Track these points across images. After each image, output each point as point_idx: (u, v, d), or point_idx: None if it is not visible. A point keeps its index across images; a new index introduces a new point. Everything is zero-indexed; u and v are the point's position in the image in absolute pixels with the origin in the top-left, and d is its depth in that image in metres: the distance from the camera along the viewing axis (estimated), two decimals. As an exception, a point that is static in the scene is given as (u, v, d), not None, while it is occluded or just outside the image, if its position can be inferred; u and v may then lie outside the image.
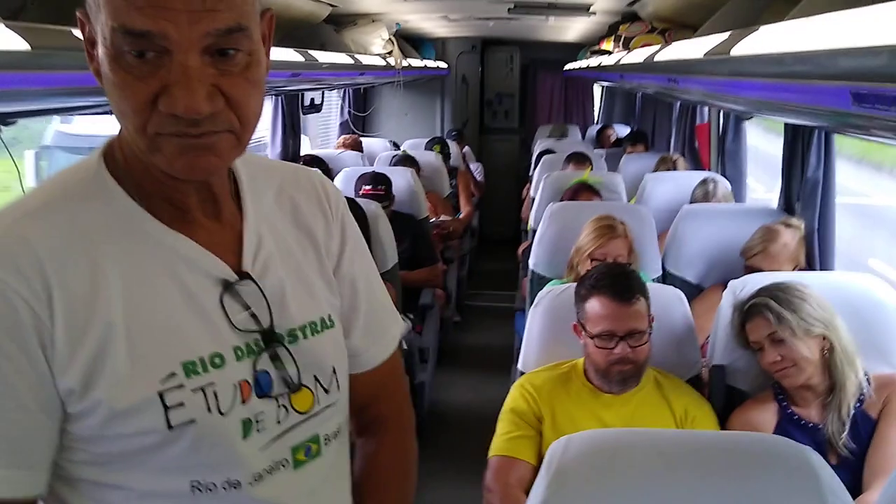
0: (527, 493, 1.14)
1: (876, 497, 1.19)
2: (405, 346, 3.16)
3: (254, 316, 0.89)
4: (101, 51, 0.78)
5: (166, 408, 0.83)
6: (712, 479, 1.07)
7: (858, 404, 1.82)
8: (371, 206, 3.08)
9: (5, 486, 0.80)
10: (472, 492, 2.03)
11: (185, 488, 0.86)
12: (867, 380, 1.84)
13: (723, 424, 1.94)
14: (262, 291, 0.90)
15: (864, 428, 1.80)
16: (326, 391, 0.95)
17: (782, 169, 2.89)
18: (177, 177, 0.83)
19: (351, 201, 3.07)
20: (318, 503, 0.96)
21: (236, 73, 0.79)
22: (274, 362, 0.90)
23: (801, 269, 2.54)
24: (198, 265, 0.87)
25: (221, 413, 0.86)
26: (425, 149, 5.64)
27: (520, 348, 2.21)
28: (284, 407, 0.91)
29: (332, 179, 4.23)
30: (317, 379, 0.94)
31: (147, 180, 0.86)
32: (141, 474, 0.85)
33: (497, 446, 1.93)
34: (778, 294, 1.87)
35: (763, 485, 1.05)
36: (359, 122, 6.71)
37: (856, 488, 1.73)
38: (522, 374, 2.10)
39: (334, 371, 0.96)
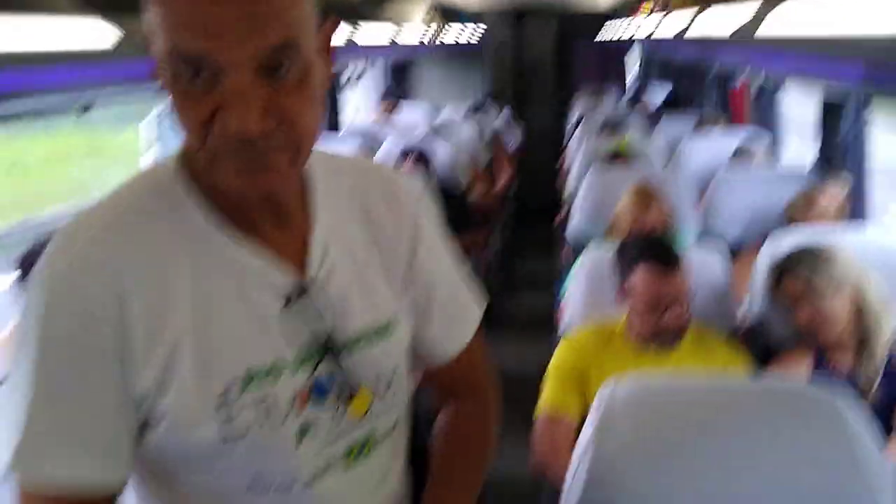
0: (572, 447, 1.25)
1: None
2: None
3: (314, 326, 0.90)
4: (162, 69, 0.79)
5: (223, 421, 0.85)
6: (748, 417, 1.16)
7: (889, 355, 1.90)
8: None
9: (99, 473, 0.83)
10: (519, 452, 2.13)
11: (241, 489, 0.89)
12: (899, 332, 1.92)
13: (760, 378, 2.03)
14: (324, 301, 0.91)
15: (894, 377, 1.89)
16: (383, 396, 0.96)
17: (818, 131, 2.93)
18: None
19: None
20: (368, 493, 0.99)
21: (290, 89, 0.78)
22: (331, 371, 0.91)
23: (838, 227, 2.61)
24: (263, 278, 0.88)
25: (277, 425, 0.87)
26: (467, 113, 5.69)
27: (559, 315, 2.28)
28: (341, 413, 0.92)
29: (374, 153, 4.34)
30: (374, 384, 0.95)
31: (214, 192, 0.87)
32: (200, 476, 0.89)
33: (544, 403, 2.02)
34: (811, 252, 1.95)
35: (794, 425, 1.14)
36: (399, 92, 6.77)
37: (886, 433, 1.82)
38: (565, 333, 2.21)
39: (394, 374, 0.97)
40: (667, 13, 3.48)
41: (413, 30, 4.08)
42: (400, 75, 6.81)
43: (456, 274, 1.08)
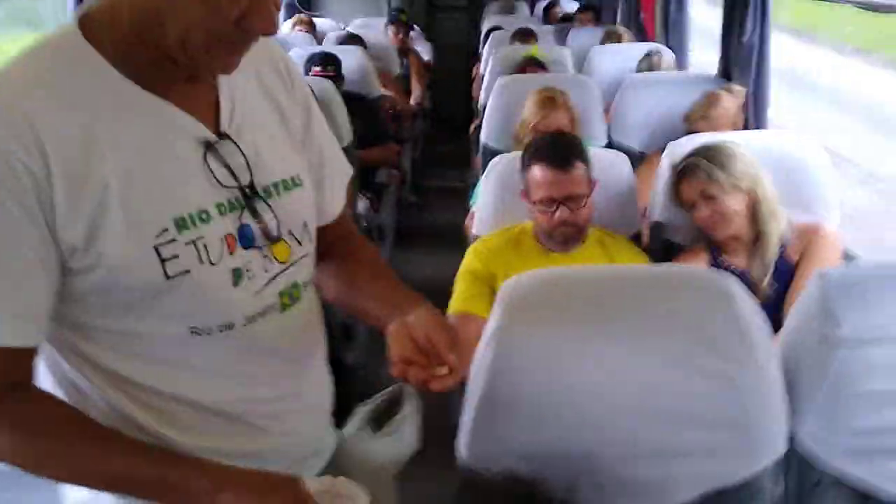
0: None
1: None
2: (364, 224, 3.26)
3: (233, 173, 0.97)
4: None
5: (163, 260, 0.91)
6: (645, 304, 1.21)
7: (781, 251, 1.99)
8: (323, 86, 3.09)
9: (9, 335, 0.89)
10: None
11: (185, 332, 0.96)
12: (790, 228, 2.01)
13: (661, 276, 2.12)
14: (240, 150, 0.98)
15: (786, 272, 1.98)
16: (300, 243, 1.05)
17: (721, 36, 2.98)
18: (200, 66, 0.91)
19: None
20: (298, 342, 1.09)
21: None
22: (254, 216, 0.99)
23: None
24: (181, 127, 0.94)
25: (212, 263, 0.95)
26: (386, 24, 5.58)
27: (469, 223, 2.29)
28: (268, 258, 1.01)
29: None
30: (291, 232, 1.04)
31: (136, 49, 0.90)
32: (144, 321, 0.94)
33: (454, 305, 2.06)
34: (709, 153, 2.01)
35: (688, 306, 1.20)
36: (304, 4, 6.55)
37: (777, 327, 1.92)
38: (477, 238, 2.23)
39: (305, 225, 1.07)
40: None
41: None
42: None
43: (337, 148, 1.20)
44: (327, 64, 3.70)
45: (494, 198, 2.28)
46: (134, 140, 0.91)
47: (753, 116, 2.74)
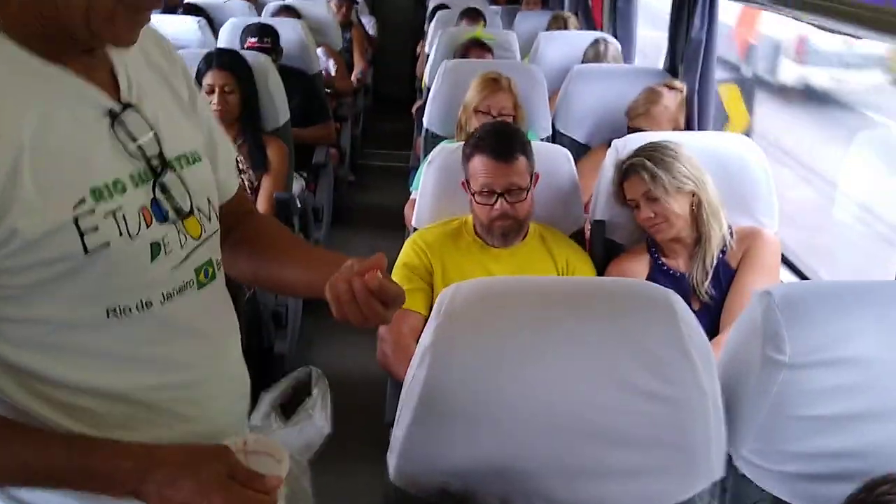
0: (418, 341, 1.22)
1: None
2: (299, 205, 3.16)
3: (140, 145, 0.95)
4: None
5: (81, 233, 0.87)
6: (586, 318, 1.17)
7: (721, 255, 1.98)
8: (259, 59, 2.95)
9: None
10: (367, 343, 2.12)
11: (101, 314, 0.91)
12: (730, 232, 2.00)
13: (601, 275, 2.09)
14: (146, 121, 0.96)
15: (725, 276, 1.98)
16: (209, 219, 1.04)
17: (669, 30, 2.96)
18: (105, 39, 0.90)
19: (236, 54, 2.95)
20: (215, 321, 1.07)
21: None
22: (164, 191, 0.96)
23: (679, 130, 2.67)
24: (84, 97, 0.91)
25: (131, 237, 0.91)
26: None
27: (410, 210, 2.23)
28: (181, 233, 0.98)
29: (216, 31, 4.04)
30: (199, 208, 1.02)
31: (31, 22, 0.87)
32: (58, 304, 0.89)
33: (390, 299, 2.01)
34: (652, 154, 1.98)
35: (630, 322, 1.17)
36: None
37: (714, 331, 1.92)
38: (416, 230, 2.17)
39: (209, 201, 1.05)
40: None
41: None
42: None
43: (216, 119, 1.19)
44: (264, 35, 3.55)
45: (435, 188, 2.21)
46: (39, 110, 0.87)
47: (697, 115, 2.73)
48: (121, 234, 0.90)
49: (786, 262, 2.08)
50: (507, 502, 1.15)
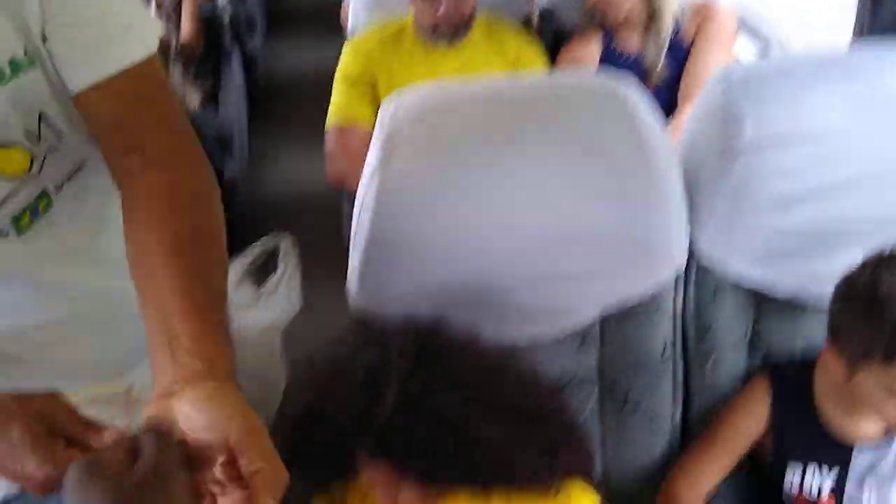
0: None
1: (685, 118, 1.28)
2: (226, 20, 2.94)
3: None
4: None
5: None
6: (536, 117, 1.11)
7: (674, 34, 1.89)
8: None
9: None
10: (315, 161, 2.05)
11: None
12: (682, 9, 1.90)
13: (552, 64, 2.00)
14: None
15: (679, 54, 1.90)
16: (39, 140, 0.83)
17: None
18: None
19: None
20: (52, 264, 0.90)
21: None
22: None
23: None
24: None
25: None
26: None
27: (344, 14, 2.10)
28: None
29: None
30: (26, 132, 0.81)
31: None
32: None
33: (334, 116, 1.92)
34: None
35: (583, 120, 1.11)
36: None
37: (672, 110, 1.87)
38: (351, 39, 2.03)
39: (41, 118, 0.82)
40: None
41: None
42: None
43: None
44: None
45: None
46: None
47: None
48: None
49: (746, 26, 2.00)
50: (475, 319, 1.14)
